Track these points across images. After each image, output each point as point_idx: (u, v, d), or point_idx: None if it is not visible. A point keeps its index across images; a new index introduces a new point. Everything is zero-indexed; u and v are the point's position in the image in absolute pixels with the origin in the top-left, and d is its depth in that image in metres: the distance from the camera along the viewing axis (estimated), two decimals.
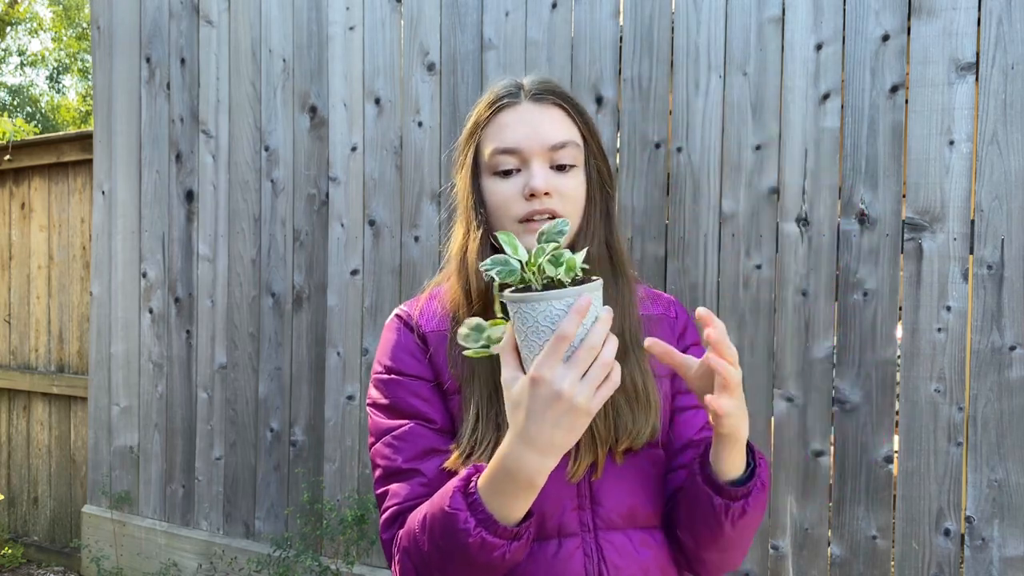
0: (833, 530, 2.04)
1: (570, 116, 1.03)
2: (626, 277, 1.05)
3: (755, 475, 0.93)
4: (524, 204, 0.99)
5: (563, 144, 1.00)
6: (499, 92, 1.04)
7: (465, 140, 1.06)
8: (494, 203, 1.01)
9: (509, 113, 1.02)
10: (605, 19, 2.30)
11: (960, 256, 1.89)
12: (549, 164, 1.00)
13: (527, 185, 0.98)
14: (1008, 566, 1.85)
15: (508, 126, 1.01)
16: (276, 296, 2.92)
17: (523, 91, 1.03)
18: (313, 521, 2.77)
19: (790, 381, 2.07)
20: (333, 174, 2.79)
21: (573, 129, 1.03)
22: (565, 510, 0.97)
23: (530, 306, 0.77)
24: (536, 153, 0.99)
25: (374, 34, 2.71)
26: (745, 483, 0.93)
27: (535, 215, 0.99)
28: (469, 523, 0.85)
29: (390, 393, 1.03)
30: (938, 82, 1.91)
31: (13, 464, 4.03)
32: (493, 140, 1.01)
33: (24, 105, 15.28)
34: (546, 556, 0.96)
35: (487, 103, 1.04)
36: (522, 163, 1.00)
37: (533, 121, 1.00)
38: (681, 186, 2.19)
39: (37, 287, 3.94)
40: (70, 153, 3.76)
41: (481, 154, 1.03)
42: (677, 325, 1.10)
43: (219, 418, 3.07)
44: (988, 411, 1.86)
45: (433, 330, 1.04)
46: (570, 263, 0.80)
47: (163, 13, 3.20)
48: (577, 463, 0.96)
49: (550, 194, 0.99)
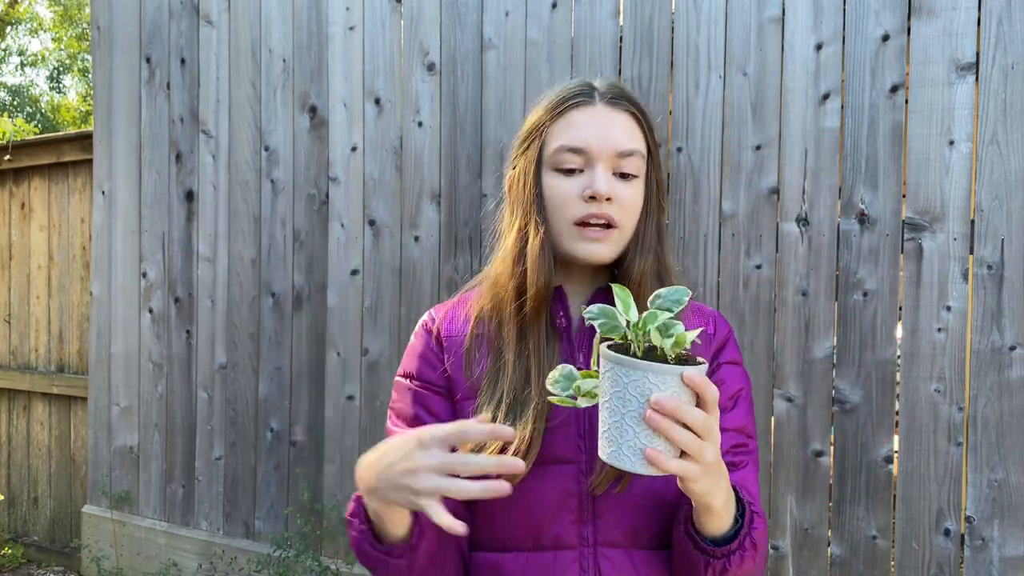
0: (833, 530, 2.04)
1: (640, 126, 1.01)
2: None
3: (739, 535, 0.88)
4: (582, 206, 0.97)
5: (630, 152, 0.98)
6: (573, 89, 1.02)
7: (526, 135, 1.04)
8: (552, 200, 0.99)
9: (581, 112, 0.99)
10: (605, 19, 2.30)
11: (960, 256, 1.89)
12: (612, 170, 0.98)
13: (588, 187, 0.96)
14: (1008, 566, 1.85)
15: (578, 125, 0.99)
16: (276, 296, 2.92)
17: (597, 92, 1.01)
18: (313, 521, 2.77)
19: (790, 381, 2.07)
20: (333, 174, 2.79)
21: (641, 139, 1.01)
22: (563, 522, 0.96)
23: (624, 371, 0.74)
24: (603, 157, 0.97)
25: (374, 34, 2.71)
26: (729, 541, 0.88)
27: (591, 218, 0.97)
28: (357, 530, 0.93)
29: (403, 398, 1.04)
30: (938, 82, 1.91)
31: (13, 464, 4.03)
32: (561, 136, 0.99)
33: (24, 105, 15.28)
34: (540, 566, 0.95)
35: (559, 99, 1.01)
36: (586, 164, 0.98)
37: (605, 124, 0.98)
38: (681, 186, 2.19)
39: (37, 287, 3.94)
40: (70, 153, 3.76)
41: (546, 148, 1.01)
42: (714, 341, 1.06)
43: (219, 418, 3.07)
44: (988, 411, 1.86)
45: (453, 335, 1.04)
46: (680, 338, 0.76)
47: (163, 13, 3.20)
48: (601, 474, 0.94)
49: (611, 200, 0.97)
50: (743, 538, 0.88)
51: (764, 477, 2.08)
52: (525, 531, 0.96)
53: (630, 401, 0.74)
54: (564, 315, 1.02)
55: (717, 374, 1.04)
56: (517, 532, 0.97)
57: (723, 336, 1.07)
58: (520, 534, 0.97)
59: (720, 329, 1.08)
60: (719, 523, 0.87)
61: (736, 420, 1.03)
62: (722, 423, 1.00)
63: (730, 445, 1.01)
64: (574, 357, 1.01)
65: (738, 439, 1.02)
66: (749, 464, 1.02)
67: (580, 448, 0.97)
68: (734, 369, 1.06)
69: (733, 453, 1.01)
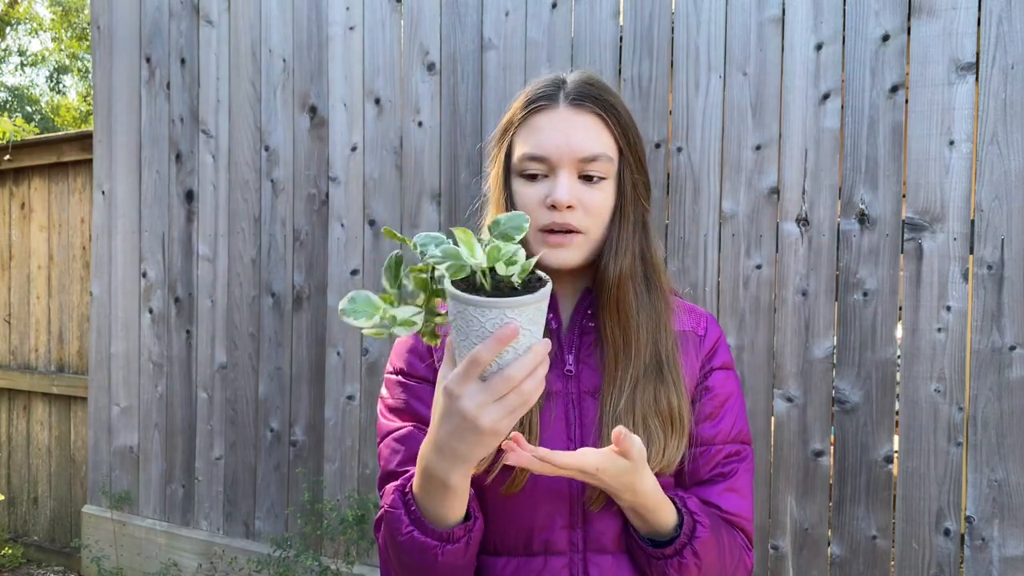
0: (833, 530, 2.04)
1: (607, 126, 0.98)
2: (660, 290, 1.01)
3: (674, 542, 0.91)
4: (546, 214, 0.96)
5: (594, 157, 0.96)
6: (537, 91, 0.99)
7: (499, 136, 1.03)
8: (519, 207, 0.99)
9: (544, 116, 0.97)
10: (605, 19, 2.30)
11: (960, 256, 1.89)
12: (578, 173, 0.96)
13: (549, 196, 0.95)
14: (1008, 566, 1.85)
15: (540, 130, 0.97)
16: (276, 296, 2.92)
17: (563, 91, 0.98)
18: (313, 521, 2.77)
19: (790, 381, 2.07)
20: (333, 174, 2.79)
21: (608, 140, 0.98)
22: (555, 528, 0.96)
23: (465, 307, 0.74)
24: (564, 163, 0.96)
25: (374, 34, 2.71)
26: (665, 546, 0.91)
27: (555, 227, 0.96)
28: (403, 521, 0.87)
29: (395, 394, 1.03)
30: (938, 82, 1.91)
31: (13, 464, 4.03)
32: (524, 143, 0.98)
33: (24, 105, 15.28)
34: (531, 571, 0.95)
35: (524, 101, 1.00)
36: (550, 171, 0.97)
37: (566, 129, 0.96)
38: (681, 186, 2.19)
39: (37, 287, 3.94)
40: (70, 153, 3.76)
41: (513, 154, 1.00)
42: (704, 344, 1.05)
43: (219, 418, 3.07)
44: (988, 411, 1.86)
45: (442, 328, 1.04)
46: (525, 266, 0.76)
47: (163, 13, 3.20)
48: (597, 490, 0.93)
49: (573, 207, 0.95)
50: (680, 547, 0.90)
51: (764, 477, 2.08)
52: (516, 536, 0.96)
53: (473, 337, 0.75)
54: (554, 317, 1.02)
55: (706, 381, 1.03)
56: (508, 536, 0.97)
57: (713, 339, 1.06)
58: (511, 539, 0.97)
59: (711, 332, 1.06)
60: (642, 523, 0.92)
61: (726, 429, 1.02)
62: (711, 433, 1.01)
63: (723, 456, 1.01)
64: (563, 359, 1.00)
65: (732, 448, 1.02)
66: (740, 471, 1.02)
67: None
68: (723, 374, 1.05)
69: (724, 463, 1.01)
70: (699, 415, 1.01)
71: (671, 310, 1.03)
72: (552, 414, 0.97)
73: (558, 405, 0.98)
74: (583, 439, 0.97)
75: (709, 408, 1.02)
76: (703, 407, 1.02)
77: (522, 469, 0.92)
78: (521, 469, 0.92)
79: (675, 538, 0.91)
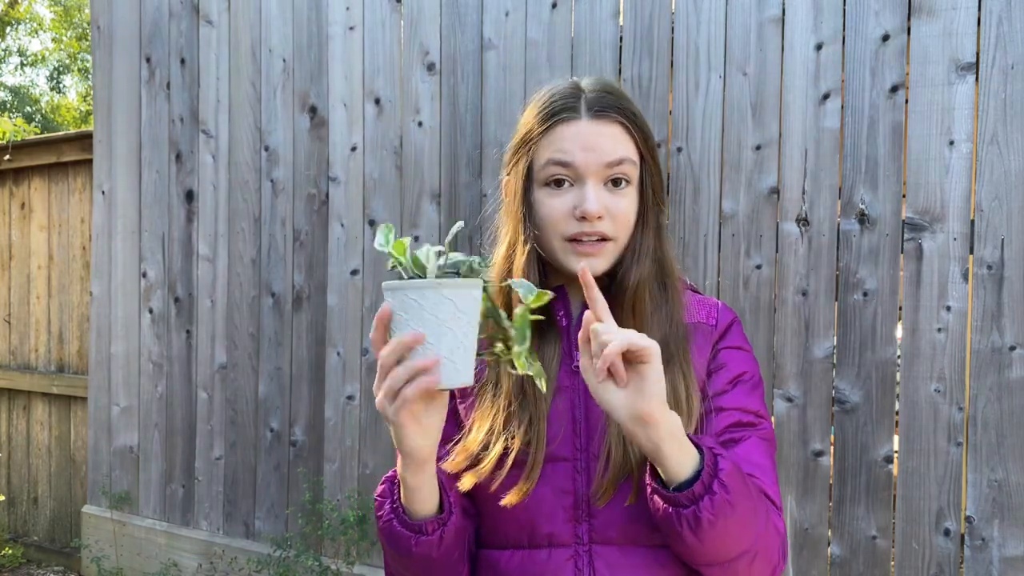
0: (833, 530, 2.04)
1: (630, 133, 0.99)
2: (672, 287, 1.02)
3: (700, 476, 0.83)
4: (574, 224, 0.96)
5: (620, 161, 0.97)
6: (556, 102, 0.99)
7: (516, 148, 1.03)
8: (544, 217, 0.98)
9: (567, 128, 0.98)
10: (605, 19, 2.30)
11: (960, 256, 1.89)
12: (604, 180, 0.97)
13: (579, 207, 0.96)
14: (1008, 566, 1.85)
15: (564, 140, 0.97)
16: (276, 296, 2.92)
17: (583, 100, 0.99)
18: (314, 521, 2.77)
19: (790, 381, 2.07)
20: (333, 174, 2.79)
21: (631, 146, 0.99)
22: (558, 520, 0.96)
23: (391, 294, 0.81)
24: (591, 171, 0.96)
25: (374, 34, 2.71)
26: (691, 484, 0.84)
27: (583, 236, 0.96)
28: (385, 510, 0.93)
29: None
30: (938, 82, 1.91)
31: (13, 464, 4.03)
32: (548, 151, 0.98)
33: (24, 105, 15.28)
34: (535, 564, 0.96)
35: (545, 112, 1.00)
36: (576, 178, 0.97)
37: (592, 138, 0.97)
38: (681, 186, 2.19)
39: (37, 287, 3.94)
40: (70, 153, 3.76)
41: (535, 163, 1.00)
42: (715, 332, 1.05)
43: (219, 418, 3.07)
44: (988, 411, 1.86)
45: None
46: (428, 254, 0.81)
47: (163, 13, 3.20)
48: (603, 486, 0.94)
49: (603, 217, 0.96)
50: (708, 480, 0.83)
51: None
52: (521, 529, 0.97)
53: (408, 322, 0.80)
54: (565, 314, 1.03)
55: (717, 360, 1.03)
56: (513, 530, 0.98)
57: (724, 324, 1.06)
58: (516, 532, 0.98)
59: (722, 318, 1.07)
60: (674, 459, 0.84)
61: (734, 400, 1.01)
62: (720, 403, 1.01)
63: (726, 424, 0.99)
64: (572, 356, 1.01)
65: (736, 417, 1.00)
66: (752, 437, 1.00)
67: (576, 446, 0.98)
68: (735, 353, 1.04)
69: (731, 431, 1.00)
70: (713, 390, 1.01)
71: (683, 305, 1.03)
72: (559, 409, 0.99)
73: (564, 400, 0.99)
74: (588, 433, 0.98)
75: (721, 383, 1.01)
76: (715, 382, 1.01)
77: (526, 480, 0.94)
78: (525, 480, 0.94)
79: (700, 471, 0.84)
